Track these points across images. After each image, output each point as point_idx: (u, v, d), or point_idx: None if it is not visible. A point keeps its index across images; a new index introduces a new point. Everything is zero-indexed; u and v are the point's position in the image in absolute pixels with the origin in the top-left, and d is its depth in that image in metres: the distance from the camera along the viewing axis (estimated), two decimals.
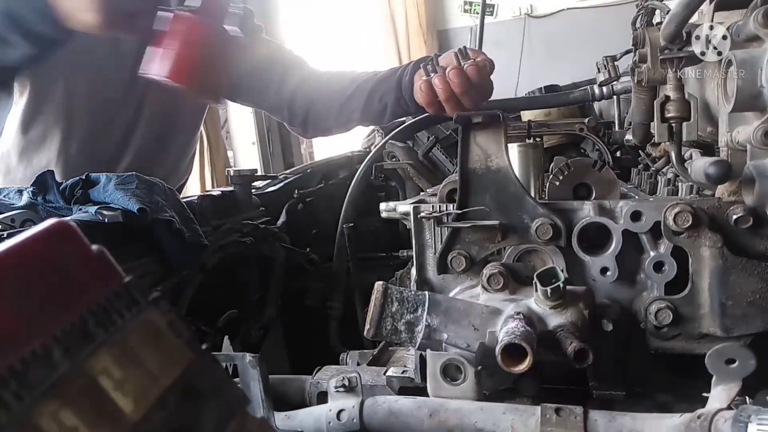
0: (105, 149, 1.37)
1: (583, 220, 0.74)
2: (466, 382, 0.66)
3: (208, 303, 1.28)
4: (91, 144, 1.33)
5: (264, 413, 0.65)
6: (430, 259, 0.79)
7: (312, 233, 1.87)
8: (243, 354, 0.67)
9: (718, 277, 0.69)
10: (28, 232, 0.31)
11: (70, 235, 0.32)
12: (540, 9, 5.50)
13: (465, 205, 0.76)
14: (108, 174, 1.10)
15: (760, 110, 0.66)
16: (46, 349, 0.28)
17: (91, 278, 0.32)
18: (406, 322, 0.69)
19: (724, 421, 0.53)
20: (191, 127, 1.60)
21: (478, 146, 0.75)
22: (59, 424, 0.27)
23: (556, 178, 0.80)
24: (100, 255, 0.33)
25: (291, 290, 1.65)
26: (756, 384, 0.60)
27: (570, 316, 0.67)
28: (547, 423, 0.61)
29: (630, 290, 0.75)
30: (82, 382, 0.29)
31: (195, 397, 0.34)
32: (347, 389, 0.71)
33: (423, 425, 0.66)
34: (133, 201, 1.01)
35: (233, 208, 1.49)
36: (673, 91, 0.75)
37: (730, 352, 0.57)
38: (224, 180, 2.54)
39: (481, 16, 3.51)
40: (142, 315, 0.33)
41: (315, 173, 2.01)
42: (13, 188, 1.10)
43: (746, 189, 0.66)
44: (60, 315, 0.30)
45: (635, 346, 0.74)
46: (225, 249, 1.33)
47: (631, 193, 1.01)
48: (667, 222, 0.69)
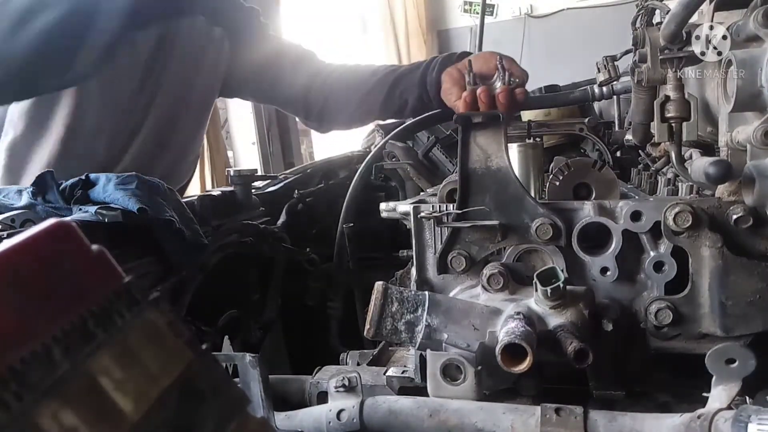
0: (107, 150, 1.36)
1: (583, 220, 0.74)
2: (466, 382, 0.66)
3: (208, 303, 1.28)
4: (93, 144, 1.33)
5: (264, 413, 0.65)
6: (430, 259, 0.79)
7: (312, 233, 1.87)
8: (243, 354, 0.67)
9: (718, 277, 0.69)
10: (28, 232, 0.31)
11: (70, 235, 0.32)
12: (540, 9, 5.51)
13: (465, 205, 0.76)
14: (108, 174, 1.10)
15: (760, 110, 0.66)
16: (46, 349, 0.28)
17: (91, 278, 0.32)
18: (406, 322, 0.69)
19: (724, 421, 0.54)
20: (192, 130, 1.59)
21: (478, 146, 0.75)
22: (59, 424, 0.27)
23: (556, 178, 0.80)
24: (100, 255, 0.33)
25: (291, 290, 1.65)
26: (756, 384, 0.60)
27: (570, 316, 0.67)
28: (547, 423, 0.61)
29: (630, 290, 0.75)
30: (82, 382, 0.29)
31: (195, 397, 0.34)
32: (347, 389, 0.71)
33: (423, 425, 0.66)
34: (133, 201, 1.01)
35: (233, 208, 1.49)
36: (673, 91, 0.75)
37: (730, 352, 0.57)
38: (224, 180, 2.54)
39: (481, 16, 3.52)
40: (142, 315, 0.33)
41: (315, 173, 2.01)
42: (12, 188, 1.10)
43: (746, 189, 0.66)
44: (60, 315, 0.30)
45: (635, 346, 0.74)
46: (225, 249, 1.33)
47: (631, 193, 1.00)
48: (667, 222, 0.69)
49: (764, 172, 0.62)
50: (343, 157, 2.15)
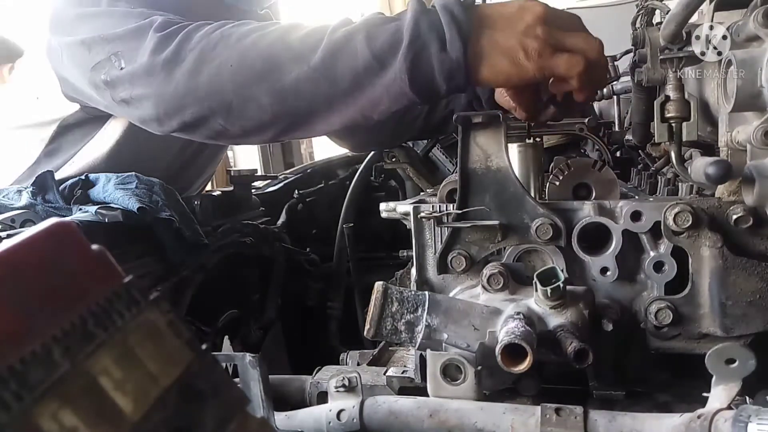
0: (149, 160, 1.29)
1: (583, 220, 0.74)
2: (466, 382, 0.66)
3: (208, 303, 1.28)
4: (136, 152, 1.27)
5: (264, 413, 0.65)
6: (430, 259, 0.79)
7: (312, 233, 1.88)
8: (243, 354, 0.67)
9: (718, 277, 0.69)
10: (28, 232, 0.31)
11: (70, 235, 0.32)
12: None
13: (465, 205, 0.76)
14: (108, 174, 1.10)
15: (760, 110, 0.66)
16: (46, 349, 0.28)
17: (91, 278, 0.32)
18: (406, 322, 0.69)
19: (724, 421, 0.53)
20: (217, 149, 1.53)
21: (478, 146, 0.75)
22: (59, 424, 0.27)
23: (556, 178, 0.80)
24: (100, 255, 0.33)
25: (291, 290, 1.65)
26: (756, 384, 0.60)
27: (570, 316, 0.67)
28: (547, 423, 0.61)
29: (630, 290, 0.75)
30: (82, 382, 0.29)
31: (195, 397, 0.34)
32: (347, 389, 0.71)
33: (423, 425, 0.66)
34: (133, 200, 1.01)
35: (233, 208, 1.49)
36: (673, 91, 0.75)
37: (730, 352, 0.57)
38: (224, 180, 2.54)
39: None
40: (142, 315, 0.33)
41: (315, 173, 2.02)
42: (12, 188, 1.10)
43: (746, 189, 0.66)
44: (60, 315, 0.30)
45: (635, 346, 0.75)
46: (225, 249, 1.33)
47: (631, 193, 1.00)
48: (667, 222, 0.69)
49: (764, 172, 0.62)
50: (343, 157, 2.15)
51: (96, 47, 1.01)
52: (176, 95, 0.93)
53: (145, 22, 0.97)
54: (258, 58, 0.89)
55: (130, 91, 0.97)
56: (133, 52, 0.96)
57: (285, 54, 0.88)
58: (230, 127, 0.94)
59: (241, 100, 0.90)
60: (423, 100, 0.85)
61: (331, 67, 0.85)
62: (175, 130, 0.98)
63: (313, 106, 0.89)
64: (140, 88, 0.96)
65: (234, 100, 0.91)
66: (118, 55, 0.98)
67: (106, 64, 0.99)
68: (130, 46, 0.96)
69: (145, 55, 0.94)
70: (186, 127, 0.97)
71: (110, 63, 0.98)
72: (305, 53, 0.86)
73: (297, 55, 0.87)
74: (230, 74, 0.90)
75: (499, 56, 0.80)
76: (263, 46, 0.89)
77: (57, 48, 1.09)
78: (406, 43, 0.80)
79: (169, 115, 0.96)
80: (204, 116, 0.94)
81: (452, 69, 0.80)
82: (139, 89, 0.96)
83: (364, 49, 0.83)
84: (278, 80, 0.88)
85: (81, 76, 1.05)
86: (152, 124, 1.00)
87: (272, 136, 0.97)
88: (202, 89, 0.91)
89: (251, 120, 0.93)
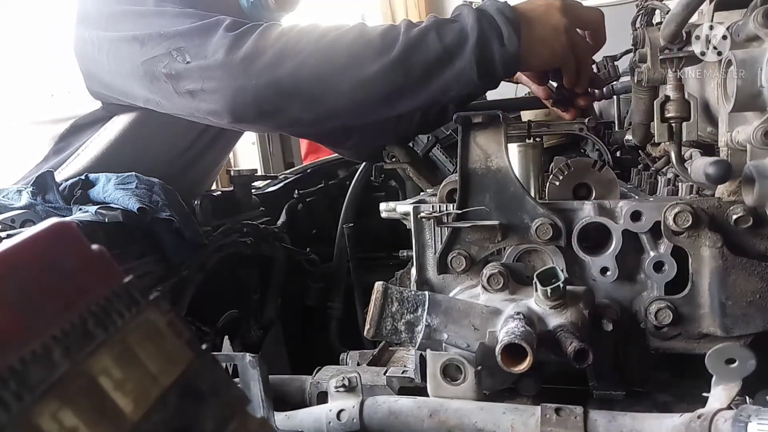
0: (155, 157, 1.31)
1: (583, 220, 0.74)
2: (466, 382, 0.66)
3: (208, 303, 1.28)
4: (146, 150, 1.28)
5: (264, 413, 0.65)
6: (430, 259, 0.79)
7: (312, 233, 1.88)
8: (243, 354, 0.67)
9: (718, 277, 0.69)
10: (28, 232, 0.31)
11: (70, 235, 0.32)
12: None
13: (465, 205, 0.76)
14: (107, 174, 1.10)
15: (760, 110, 0.66)
16: (46, 349, 0.28)
17: (91, 278, 0.32)
18: (406, 322, 0.69)
19: (724, 421, 0.53)
20: (221, 151, 1.54)
21: (478, 146, 0.75)
22: (59, 424, 0.27)
23: (556, 178, 0.80)
24: (100, 255, 0.33)
25: (291, 290, 1.65)
26: (756, 384, 0.60)
27: (570, 316, 0.67)
28: (547, 423, 0.61)
29: (630, 290, 0.75)
30: (82, 382, 0.29)
31: (195, 397, 0.34)
32: (347, 389, 0.71)
33: (423, 425, 0.66)
34: (133, 200, 1.01)
35: (233, 208, 1.49)
36: (673, 91, 0.75)
37: (730, 352, 0.57)
38: (224, 180, 2.54)
39: None
40: (142, 315, 0.33)
41: (315, 173, 2.02)
42: (12, 188, 1.10)
43: (746, 189, 0.66)
44: (60, 315, 0.30)
45: (635, 346, 0.74)
46: (225, 249, 1.33)
47: (631, 193, 1.00)
48: (667, 222, 0.69)
49: (764, 172, 0.62)
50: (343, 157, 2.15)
51: (151, 42, 1.06)
52: (257, 87, 1.02)
53: (210, 22, 1.05)
54: (343, 52, 1.03)
55: (199, 84, 1.04)
56: (199, 48, 1.04)
57: (367, 49, 1.03)
58: (305, 114, 1.07)
59: (323, 88, 1.03)
60: (485, 85, 1.05)
61: (407, 59, 1.01)
62: (248, 120, 1.08)
63: (386, 92, 1.05)
64: (213, 82, 1.03)
65: (316, 88, 1.03)
66: (180, 51, 1.05)
67: (165, 58, 1.05)
68: (195, 43, 1.04)
69: (220, 52, 1.02)
70: (262, 116, 1.06)
71: (171, 57, 1.05)
72: (385, 48, 1.02)
73: (379, 50, 1.02)
74: (314, 66, 1.02)
75: (542, 46, 1.03)
76: (346, 42, 1.04)
77: (93, 42, 1.12)
78: (473, 40, 0.99)
79: (246, 105, 1.04)
80: (282, 106, 1.05)
81: (510, 60, 1.01)
82: (213, 83, 1.03)
83: (436, 44, 1.01)
84: (361, 71, 1.02)
85: (128, 69, 1.10)
86: (222, 115, 1.06)
87: (341, 122, 1.14)
88: (285, 81, 1.02)
89: (327, 107, 1.06)
